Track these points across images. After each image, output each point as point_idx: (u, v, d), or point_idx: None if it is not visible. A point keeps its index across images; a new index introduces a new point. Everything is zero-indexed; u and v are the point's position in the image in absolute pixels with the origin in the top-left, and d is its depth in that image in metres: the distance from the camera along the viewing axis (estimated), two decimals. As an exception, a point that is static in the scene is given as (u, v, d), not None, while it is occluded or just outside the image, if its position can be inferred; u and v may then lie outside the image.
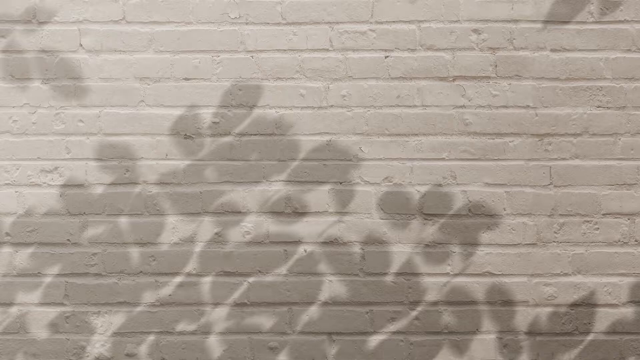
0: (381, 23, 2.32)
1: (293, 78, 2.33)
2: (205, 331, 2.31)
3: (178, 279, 2.32)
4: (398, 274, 2.32)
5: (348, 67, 2.33)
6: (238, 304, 2.32)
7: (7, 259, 2.32)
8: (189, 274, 2.32)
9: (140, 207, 2.33)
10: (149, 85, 2.33)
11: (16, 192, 2.32)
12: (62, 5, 2.32)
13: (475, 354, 2.30)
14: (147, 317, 2.31)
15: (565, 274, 2.31)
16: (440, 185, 2.32)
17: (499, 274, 2.31)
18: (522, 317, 2.31)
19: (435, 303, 2.31)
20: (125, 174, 2.33)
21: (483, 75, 2.33)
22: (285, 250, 2.32)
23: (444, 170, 2.32)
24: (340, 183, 2.33)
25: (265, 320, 2.31)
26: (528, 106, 2.32)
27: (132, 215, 2.33)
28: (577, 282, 2.31)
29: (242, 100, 2.33)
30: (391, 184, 2.32)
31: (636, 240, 2.31)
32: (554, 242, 2.32)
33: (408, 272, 2.32)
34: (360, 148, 2.33)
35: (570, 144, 2.32)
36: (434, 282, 2.32)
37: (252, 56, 2.33)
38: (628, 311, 2.30)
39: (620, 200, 2.31)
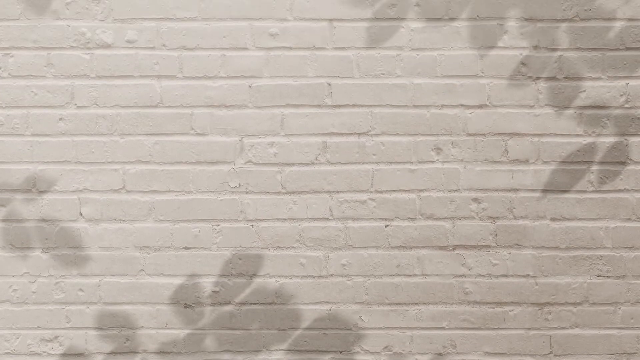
0: (381, 192, 2.33)
1: (293, 247, 2.33)
2: None
3: None
4: None
5: (348, 236, 2.33)
6: None
7: None
8: None
9: (141, 376, 2.33)
10: (149, 254, 2.33)
11: (16, 361, 2.33)
12: (61, 174, 2.32)
13: None
14: None
15: None
16: (440, 354, 2.32)
17: None
18: None
19: None
20: (125, 343, 2.33)
21: (483, 244, 2.33)
22: (286, 419, 2.33)
23: (444, 339, 2.32)
24: (341, 352, 2.33)
25: None
26: (528, 275, 2.33)
27: (132, 384, 2.33)
28: None
29: (242, 269, 2.33)
30: (391, 353, 2.32)
31: (636, 410, 2.31)
32: (554, 411, 2.32)
33: None
34: (360, 317, 2.33)
35: (571, 313, 2.32)
36: None
37: (252, 225, 2.33)
38: None
39: (620, 370, 2.31)
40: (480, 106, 2.32)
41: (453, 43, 2.31)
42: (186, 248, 2.33)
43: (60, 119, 2.32)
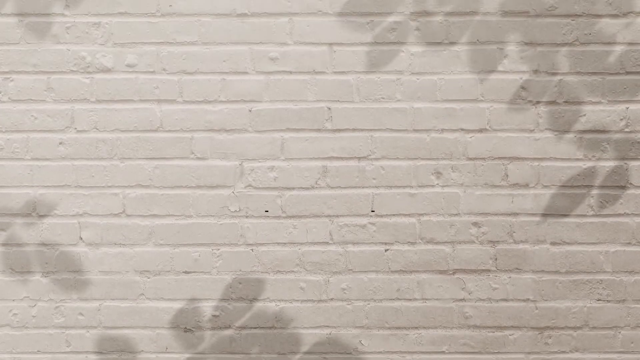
0: (381, 216, 2.33)
1: (293, 271, 2.33)
2: None
3: None
4: None
5: (348, 261, 2.33)
6: None
7: None
8: None
9: (141, 400, 2.33)
10: (149, 278, 2.33)
11: (16, 385, 2.33)
12: (62, 198, 2.32)
13: None
14: None
15: None
16: (440, 378, 2.33)
17: None
18: None
19: None
20: (125, 367, 2.33)
21: (483, 268, 2.33)
22: None
23: (444, 363, 2.33)
24: (341, 376, 2.33)
25: None
26: (528, 299, 2.33)
27: (132, 408, 2.33)
28: None
29: (242, 293, 2.33)
30: (391, 377, 2.33)
31: None
32: None
33: None
34: (360, 341, 2.33)
35: (571, 337, 2.32)
36: None
37: (252, 249, 2.33)
38: None
39: (620, 394, 2.31)
40: (480, 130, 2.32)
41: (453, 67, 2.31)
42: (186, 272, 2.33)
43: (60, 143, 2.32)
